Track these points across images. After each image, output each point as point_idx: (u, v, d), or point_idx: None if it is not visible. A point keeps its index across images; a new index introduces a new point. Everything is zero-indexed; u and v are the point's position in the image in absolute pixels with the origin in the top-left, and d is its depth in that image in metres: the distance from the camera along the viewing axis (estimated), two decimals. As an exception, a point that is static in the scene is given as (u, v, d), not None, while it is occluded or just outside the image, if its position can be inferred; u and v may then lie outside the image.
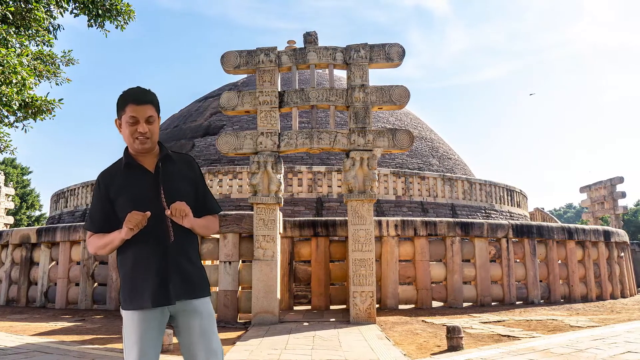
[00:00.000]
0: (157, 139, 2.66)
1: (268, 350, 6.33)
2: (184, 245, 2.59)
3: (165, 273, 2.49)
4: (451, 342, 6.40)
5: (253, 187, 9.30)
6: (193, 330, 2.54)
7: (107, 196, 2.59)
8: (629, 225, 46.05)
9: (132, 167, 2.62)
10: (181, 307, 2.54)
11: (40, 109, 8.89)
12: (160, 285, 2.47)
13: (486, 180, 20.97)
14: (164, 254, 2.51)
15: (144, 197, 2.55)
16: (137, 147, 2.59)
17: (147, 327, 2.47)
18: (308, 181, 17.33)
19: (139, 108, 2.55)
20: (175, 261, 2.54)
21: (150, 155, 2.67)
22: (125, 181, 2.58)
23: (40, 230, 12.81)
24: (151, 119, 2.59)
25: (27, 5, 8.71)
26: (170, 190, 2.59)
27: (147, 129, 2.56)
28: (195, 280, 2.59)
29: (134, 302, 2.49)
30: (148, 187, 2.58)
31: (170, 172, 2.65)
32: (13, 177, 42.47)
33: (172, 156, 2.70)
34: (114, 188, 2.59)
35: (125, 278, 2.55)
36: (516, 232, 12.40)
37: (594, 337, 7.20)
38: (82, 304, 11.64)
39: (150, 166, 2.64)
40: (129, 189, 2.56)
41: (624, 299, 14.36)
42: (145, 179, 2.60)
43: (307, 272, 11.45)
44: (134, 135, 2.56)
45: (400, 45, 9.67)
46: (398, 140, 9.38)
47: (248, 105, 9.64)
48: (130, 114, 2.54)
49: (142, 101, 2.56)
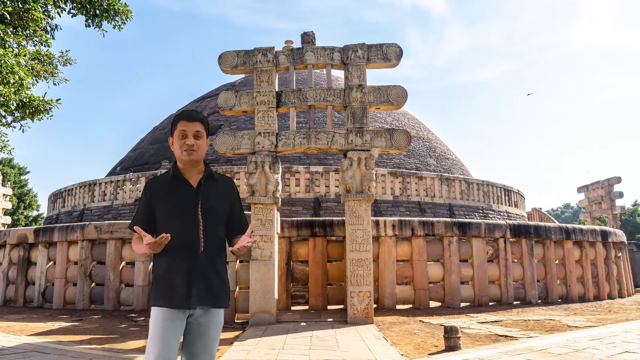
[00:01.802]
0: (203, 154, 2.90)
1: (265, 351, 6.33)
2: (213, 257, 2.83)
3: (191, 279, 2.74)
4: (449, 342, 6.40)
5: (251, 187, 9.30)
6: (202, 335, 2.79)
7: (149, 203, 2.87)
8: (627, 225, 46.12)
9: (177, 180, 2.88)
10: (199, 312, 2.78)
11: (37, 109, 8.88)
12: (185, 289, 2.72)
13: (484, 180, 20.99)
14: (193, 262, 2.75)
15: (182, 207, 2.81)
16: (184, 158, 2.84)
17: (169, 326, 2.69)
18: (306, 181, 17.32)
19: (189, 124, 2.84)
20: (202, 270, 2.78)
21: (196, 171, 2.91)
22: (168, 192, 2.86)
23: (37, 230, 12.79)
24: (199, 134, 2.86)
25: (25, 5, 8.71)
26: (207, 206, 2.84)
27: (193, 142, 2.83)
28: (217, 290, 2.82)
29: (159, 300, 2.73)
30: (188, 200, 2.83)
31: (210, 190, 2.90)
32: (10, 177, 42.37)
33: (214, 176, 2.96)
34: (157, 196, 2.86)
35: (157, 279, 2.81)
36: (514, 232, 12.41)
37: (592, 337, 7.21)
38: (80, 304, 11.63)
39: (194, 182, 2.89)
40: (171, 199, 2.84)
41: (622, 299, 14.38)
42: (187, 192, 2.85)
43: (304, 272, 11.45)
44: (183, 147, 2.83)
45: (397, 45, 9.68)
46: (395, 140, 9.39)
47: (245, 106, 9.64)
48: (180, 128, 2.83)
49: (192, 118, 2.86)
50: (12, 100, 8.25)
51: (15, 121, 9.17)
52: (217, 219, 2.88)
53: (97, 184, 20.29)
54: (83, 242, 11.92)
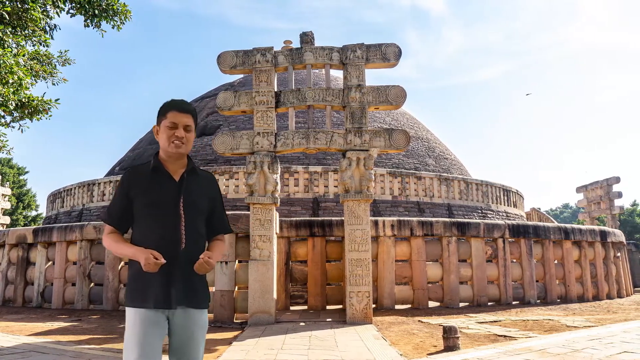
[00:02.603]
0: (189, 148, 2.78)
1: (264, 351, 6.33)
2: (194, 254, 2.65)
3: (171, 278, 2.59)
4: (447, 342, 6.41)
5: (249, 187, 9.30)
6: (186, 338, 2.65)
7: (127, 194, 2.70)
8: (626, 225, 46.14)
9: (159, 172, 2.74)
10: (180, 313, 2.63)
11: (36, 109, 8.86)
12: (164, 289, 2.57)
13: (482, 180, 21.00)
14: (173, 260, 2.59)
15: (162, 202, 2.67)
16: (170, 150, 2.71)
17: (149, 329, 2.54)
18: (304, 181, 17.32)
19: (180, 115, 2.72)
20: (183, 269, 2.62)
21: (178, 164, 2.79)
22: (148, 183, 2.70)
23: (36, 230, 12.79)
24: (189, 128, 2.75)
25: (24, 5, 8.70)
26: (188, 202, 2.71)
27: (183, 135, 2.72)
28: (199, 290, 2.69)
29: (136, 301, 2.58)
30: (169, 194, 2.69)
31: (193, 186, 2.77)
32: (9, 177, 42.31)
33: (197, 171, 2.84)
34: (136, 188, 2.70)
35: (134, 277, 2.65)
36: (513, 232, 12.42)
37: (591, 337, 7.22)
38: (79, 304, 11.62)
39: (176, 175, 2.76)
40: (151, 191, 2.68)
41: (620, 299, 14.39)
42: (169, 185, 2.72)
43: (303, 272, 11.45)
44: (171, 138, 2.70)
45: (396, 45, 9.68)
46: (394, 140, 9.39)
47: (244, 105, 9.63)
48: (171, 119, 2.71)
49: (184, 110, 2.74)
50: (11, 100, 8.23)
51: (14, 121, 9.15)
52: (199, 216, 2.75)
53: (96, 184, 20.28)
54: (82, 242, 11.91)
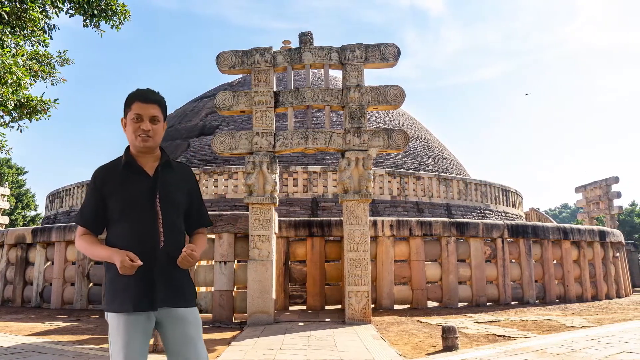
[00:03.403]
0: (159, 140, 2.63)
1: (263, 351, 6.33)
2: (174, 252, 2.53)
3: (151, 278, 2.46)
4: (446, 342, 6.41)
5: (248, 187, 9.30)
6: (179, 337, 2.51)
7: (100, 192, 2.56)
8: (624, 225, 46.14)
9: (132, 168, 2.58)
10: (167, 314, 2.52)
11: (35, 109, 8.86)
12: (145, 290, 2.45)
13: (481, 180, 21.02)
14: (152, 260, 2.47)
15: (138, 200, 2.52)
16: (138, 145, 2.56)
17: (132, 333, 2.43)
18: (303, 181, 17.34)
19: (145, 106, 2.55)
20: (163, 268, 2.51)
21: (151, 158, 2.64)
22: (121, 180, 2.54)
23: (35, 231, 12.78)
24: (155, 119, 2.58)
25: (23, 5, 8.69)
26: (165, 198, 2.56)
27: (149, 127, 2.55)
28: (182, 288, 2.57)
29: (115, 305, 2.48)
30: (144, 191, 2.54)
31: (169, 180, 2.62)
32: (8, 177, 42.28)
33: (172, 163, 2.68)
34: (109, 185, 2.55)
35: (111, 280, 2.54)
36: (511, 232, 12.43)
37: (590, 337, 7.22)
38: (78, 304, 11.61)
39: (150, 170, 2.60)
40: (125, 189, 2.52)
41: (619, 299, 14.41)
42: (143, 181, 2.56)
43: (302, 272, 11.45)
44: (137, 132, 2.54)
45: (395, 45, 9.68)
46: (393, 140, 9.40)
47: (243, 105, 9.64)
48: (135, 111, 2.54)
49: (149, 100, 2.57)
50: (10, 100, 8.23)
51: (13, 121, 9.15)
52: (177, 211, 2.62)
53: (95, 184, 20.23)
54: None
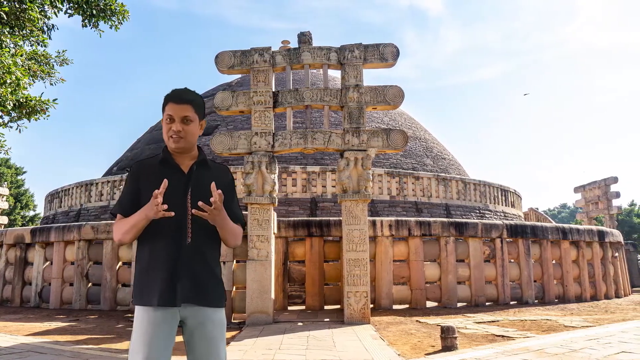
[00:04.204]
0: (193, 140, 2.63)
1: (262, 351, 6.33)
2: (202, 249, 2.54)
3: (175, 274, 2.46)
4: (445, 342, 6.41)
5: (247, 187, 9.30)
6: (202, 337, 2.51)
7: (137, 185, 2.60)
8: (623, 225, 46.14)
9: (167, 164, 2.61)
10: (191, 312, 2.51)
11: (34, 109, 8.86)
12: (168, 285, 2.44)
13: (480, 180, 21.02)
14: (178, 255, 2.48)
15: (169, 195, 2.50)
16: (170, 145, 2.59)
17: (157, 329, 2.44)
18: (302, 181, 17.33)
19: (177, 107, 2.56)
20: (188, 263, 2.50)
21: (188, 157, 2.66)
22: (157, 176, 2.54)
23: (34, 231, 12.77)
24: (187, 119, 2.57)
25: (22, 5, 8.68)
26: (198, 195, 2.54)
27: (180, 128, 2.55)
28: (207, 286, 2.55)
29: (142, 298, 2.49)
30: (177, 186, 2.56)
31: (202, 177, 2.62)
32: (7, 177, 42.25)
33: (208, 162, 2.70)
34: (145, 180, 2.58)
35: (140, 274, 2.55)
36: (510, 232, 12.44)
37: (588, 337, 7.23)
38: (76, 304, 11.60)
39: (185, 167, 2.63)
40: (158, 184, 2.48)
41: (618, 299, 14.42)
42: (177, 177, 2.58)
43: (301, 272, 11.45)
44: (169, 133, 2.57)
45: (394, 45, 9.69)
46: (392, 140, 9.40)
47: (242, 106, 9.63)
48: (168, 112, 2.57)
49: (181, 100, 2.57)
50: (9, 100, 8.23)
51: (12, 121, 9.15)
52: None
53: (94, 184, 20.26)
54: (80, 242, 11.90)
